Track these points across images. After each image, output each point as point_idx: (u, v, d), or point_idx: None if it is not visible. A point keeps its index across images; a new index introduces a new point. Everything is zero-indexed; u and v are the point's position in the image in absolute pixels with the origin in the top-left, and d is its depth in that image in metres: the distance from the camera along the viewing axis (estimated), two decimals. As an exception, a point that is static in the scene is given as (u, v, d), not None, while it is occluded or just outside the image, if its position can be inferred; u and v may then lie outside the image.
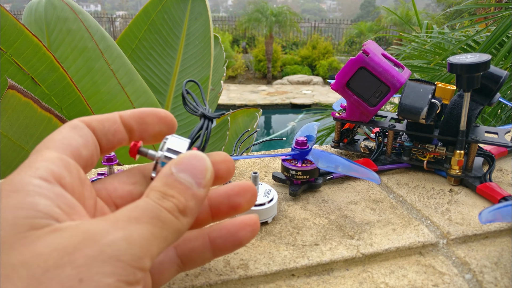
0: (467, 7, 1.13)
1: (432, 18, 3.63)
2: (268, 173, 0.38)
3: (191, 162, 0.18)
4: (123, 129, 0.20)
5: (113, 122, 0.20)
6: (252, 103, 5.78)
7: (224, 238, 0.20)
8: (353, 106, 0.38)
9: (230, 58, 7.29)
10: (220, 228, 0.21)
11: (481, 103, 0.36)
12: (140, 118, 0.21)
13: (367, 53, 0.34)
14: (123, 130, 0.20)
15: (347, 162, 0.31)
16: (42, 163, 0.16)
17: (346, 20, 10.63)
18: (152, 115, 0.21)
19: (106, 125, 0.20)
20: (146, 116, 0.21)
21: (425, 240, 0.27)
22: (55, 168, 0.16)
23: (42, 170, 0.16)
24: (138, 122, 0.21)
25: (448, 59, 0.32)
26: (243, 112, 1.86)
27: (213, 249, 0.20)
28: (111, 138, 0.20)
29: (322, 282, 0.24)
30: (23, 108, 0.75)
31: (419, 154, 0.38)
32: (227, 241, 0.20)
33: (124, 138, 0.20)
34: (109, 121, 0.20)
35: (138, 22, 1.40)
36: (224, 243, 0.20)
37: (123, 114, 0.20)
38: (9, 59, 0.82)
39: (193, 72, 1.46)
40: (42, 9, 1.07)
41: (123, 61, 1.13)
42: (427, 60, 1.21)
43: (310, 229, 0.28)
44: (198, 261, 0.21)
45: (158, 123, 0.21)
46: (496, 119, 1.02)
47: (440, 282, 0.24)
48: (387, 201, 0.33)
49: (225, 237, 0.20)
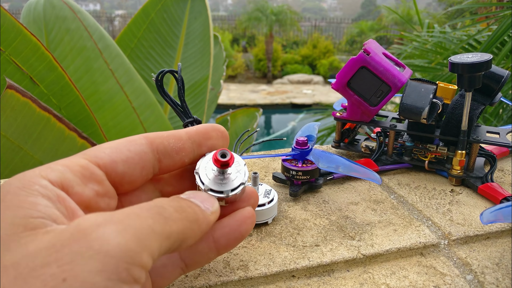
0: (469, 6, 1.13)
1: (433, 17, 3.63)
2: (268, 173, 0.37)
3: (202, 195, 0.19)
4: (189, 147, 0.20)
5: (178, 139, 0.20)
6: (252, 103, 5.78)
7: (227, 236, 0.20)
8: (354, 106, 0.37)
9: (230, 57, 7.28)
10: (222, 226, 0.20)
11: (482, 103, 0.35)
12: (206, 133, 0.21)
13: (368, 53, 0.34)
14: (189, 148, 0.20)
15: (348, 162, 0.31)
16: (61, 167, 0.16)
17: (347, 19, 10.62)
18: (217, 131, 0.21)
19: (171, 142, 0.20)
20: (211, 131, 0.21)
21: (426, 240, 0.27)
22: (69, 175, 0.16)
23: (55, 172, 0.16)
24: (206, 138, 0.21)
25: (450, 58, 0.32)
26: (243, 112, 1.86)
27: (218, 248, 0.20)
28: (174, 156, 0.20)
29: (322, 283, 0.24)
30: (21, 108, 0.75)
31: (421, 154, 0.37)
32: (230, 238, 0.20)
33: (188, 157, 0.20)
34: (175, 138, 0.20)
35: (137, 21, 1.39)
36: (228, 240, 0.20)
37: (190, 131, 0.21)
38: (7, 59, 0.82)
39: (192, 72, 1.46)
40: (41, 8, 1.07)
41: (122, 60, 1.12)
42: (428, 60, 1.21)
43: (310, 230, 0.28)
44: (203, 262, 0.21)
45: (221, 138, 0.21)
46: (497, 119, 1.01)
47: (441, 283, 0.24)
48: (388, 202, 0.32)
49: (228, 235, 0.20)
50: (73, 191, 0.16)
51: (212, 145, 0.21)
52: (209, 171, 0.20)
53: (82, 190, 0.17)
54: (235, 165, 0.21)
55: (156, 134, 0.20)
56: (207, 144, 0.21)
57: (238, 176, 0.20)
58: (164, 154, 0.19)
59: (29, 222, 0.14)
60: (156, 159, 0.19)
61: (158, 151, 0.19)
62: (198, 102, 1.46)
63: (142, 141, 0.19)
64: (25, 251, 0.13)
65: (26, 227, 0.14)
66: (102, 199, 0.18)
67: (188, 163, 0.21)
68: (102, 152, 0.18)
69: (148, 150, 0.19)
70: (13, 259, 0.13)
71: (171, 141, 0.20)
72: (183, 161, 0.20)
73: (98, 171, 0.17)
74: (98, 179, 0.17)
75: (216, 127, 0.21)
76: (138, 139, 0.19)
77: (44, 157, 0.84)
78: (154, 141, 0.19)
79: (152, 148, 0.19)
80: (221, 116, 1.74)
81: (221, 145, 0.21)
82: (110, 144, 0.18)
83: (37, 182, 0.15)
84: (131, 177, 0.18)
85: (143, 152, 0.19)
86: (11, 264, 0.13)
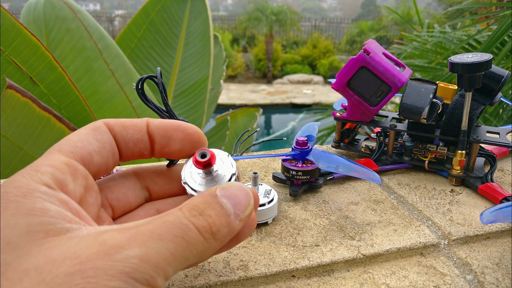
0: (469, 6, 1.13)
1: (433, 17, 3.63)
2: (268, 173, 0.37)
3: (237, 193, 0.18)
4: (147, 140, 0.20)
5: (138, 130, 0.20)
6: (252, 103, 5.77)
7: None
8: (354, 106, 0.37)
9: (230, 57, 7.28)
10: None
11: (482, 103, 0.35)
12: (165, 131, 0.20)
13: (368, 53, 0.34)
14: (147, 141, 0.20)
15: (348, 162, 0.31)
16: (48, 168, 0.16)
17: (346, 19, 10.62)
18: (178, 131, 0.20)
19: (130, 132, 0.19)
20: (172, 131, 0.20)
21: (426, 240, 0.27)
22: (59, 174, 0.16)
23: (47, 176, 0.16)
24: (162, 136, 0.20)
25: (450, 58, 0.32)
26: (243, 112, 1.86)
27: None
28: (132, 147, 0.19)
29: (322, 283, 0.24)
30: (21, 108, 0.75)
31: (421, 154, 0.37)
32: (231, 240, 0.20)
33: (146, 149, 0.20)
34: (134, 129, 0.20)
35: (137, 21, 1.39)
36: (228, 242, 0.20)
37: (151, 124, 0.20)
38: (7, 59, 0.82)
39: (192, 72, 1.46)
40: (41, 8, 1.07)
41: (122, 60, 1.12)
42: (428, 60, 1.21)
43: (310, 230, 0.28)
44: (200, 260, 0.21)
45: (182, 140, 0.20)
46: (497, 119, 1.01)
47: (441, 283, 0.24)
48: (388, 202, 0.32)
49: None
50: (68, 190, 0.16)
51: (167, 144, 0.20)
52: (195, 176, 0.20)
53: (74, 187, 0.17)
54: (219, 159, 0.20)
55: (115, 122, 0.19)
56: (162, 142, 0.20)
57: (227, 168, 0.20)
58: (122, 142, 0.19)
59: (50, 229, 0.14)
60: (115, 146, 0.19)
61: (117, 139, 0.19)
62: (198, 102, 1.46)
63: (105, 128, 0.19)
64: (48, 257, 0.14)
65: (48, 233, 0.14)
66: (90, 194, 0.18)
67: (148, 156, 0.20)
68: (74, 146, 0.18)
69: (109, 138, 0.19)
70: (36, 263, 0.13)
71: (129, 132, 0.19)
72: (141, 153, 0.20)
73: (80, 166, 0.17)
74: (84, 174, 0.17)
75: (183, 127, 0.20)
76: (101, 126, 0.19)
77: (44, 157, 0.83)
78: (113, 129, 0.19)
79: (112, 134, 0.19)
80: (221, 116, 1.74)
81: (179, 147, 0.20)
82: (78, 136, 0.18)
83: (37, 189, 0.15)
84: (106, 165, 0.19)
85: (110, 139, 0.19)
86: (33, 268, 0.13)
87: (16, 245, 0.14)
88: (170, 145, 0.20)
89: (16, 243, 0.14)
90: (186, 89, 1.46)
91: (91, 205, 0.18)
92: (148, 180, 0.22)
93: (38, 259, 0.13)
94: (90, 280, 0.13)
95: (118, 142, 0.19)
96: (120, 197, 0.20)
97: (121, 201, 0.20)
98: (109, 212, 0.20)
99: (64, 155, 0.17)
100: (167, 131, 0.20)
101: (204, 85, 1.45)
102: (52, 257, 0.14)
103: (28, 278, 0.13)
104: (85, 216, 0.16)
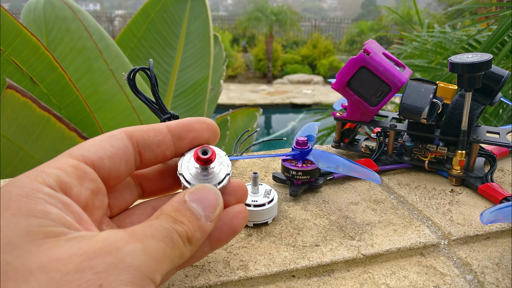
0: (469, 6, 1.13)
1: (433, 17, 3.63)
2: (268, 173, 0.37)
3: (205, 195, 0.18)
4: (170, 141, 0.20)
5: (158, 132, 0.20)
6: (252, 103, 5.77)
7: (220, 230, 0.21)
8: (354, 106, 0.37)
9: (230, 57, 7.28)
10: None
11: (482, 103, 0.35)
12: (188, 126, 0.21)
13: (368, 53, 0.34)
14: (169, 141, 0.20)
15: (348, 162, 0.31)
16: (54, 170, 0.16)
17: (347, 19, 10.61)
18: (200, 123, 0.21)
19: (151, 134, 0.20)
20: (195, 123, 0.21)
21: (426, 240, 0.27)
22: (65, 177, 0.16)
23: (51, 177, 0.16)
24: (187, 130, 0.21)
25: (450, 58, 0.32)
26: (243, 112, 1.86)
27: (211, 242, 0.21)
28: (155, 149, 0.20)
29: (322, 283, 0.24)
30: (21, 108, 0.75)
31: (421, 154, 0.37)
32: (223, 232, 0.21)
33: (169, 149, 0.20)
34: (154, 131, 0.20)
35: (137, 21, 1.39)
36: (221, 234, 0.21)
37: (170, 125, 0.20)
38: (7, 59, 0.82)
39: (192, 72, 1.46)
40: (41, 8, 1.07)
41: (122, 60, 1.12)
42: (428, 60, 1.21)
43: (310, 230, 0.28)
44: (197, 257, 0.21)
45: (207, 130, 0.21)
46: (497, 119, 1.01)
47: (441, 283, 0.24)
48: (388, 202, 0.32)
49: (221, 228, 0.21)
50: (72, 193, 0.16)
51: (194, 137, 0.21)
52: (192, 169, 0.20)
53: (79, 190, 0.17)
54: (217, 158, 0.21)
55: (135, 128, 0.20)
56: (188, 136, 0.21)
57: (222, 168, 0.20)
58: (144, 147, 0.20)
59: (49, 231, 0.14)
60: (137, 152, 0.20)
61: (139, 144, 0.19)
62: (198, 102, 1.46)
63: (123, 136, 0.19)
64: (51, 256, 0.14)
65: (47, 234, 0.14)
66: (97, 197, 0.18)
67: (170, 157, 0.21)
68: (87, 150, 0.18)
69: (129, 144, 0.19)
70: (39, 263, 0.13)
71: (150, 135, 0.20)
72: (164, 154, 0.20)
73: (89, 169, 0.18)
74: (92, 177, 0.18)
75: (202, 119, 0.21)
76: (118, 134, 0.19)
77: (44, 157, 0.84)
78: (133, 135, 0.19)
79: (132, 141, 0.19)
80: (221, 116, 1.74)
81: (206, 136, 0.21)
82: (92, 142, 0.18)
83: (40, 190, 0.15)
84: (117, 172, 0.19)
85: (125, 146, 0.19)
86: (37, 267, 0.13)
87: (15, 245, 0.14)
88: (198, 137, 0.21)
89: (15, 243, 0.14)
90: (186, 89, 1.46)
91: (97, 207, 0.18)
92: (141, 176, 0.22)
93: (40, 259, 0.13)
94: (101, 275, 0.13)
95: (140, 147, 0.20)
96: (117, 195, 0.21)
97: (118, 199, 0.21)
98: (107, 211, 0.20)
99: (73, 158, 0.17)
100: (190, 125, 0.21)
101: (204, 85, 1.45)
102: (55, 256, 0.14)
103: (34, 278, 0.13)
104: (86, 219, 0.16)
